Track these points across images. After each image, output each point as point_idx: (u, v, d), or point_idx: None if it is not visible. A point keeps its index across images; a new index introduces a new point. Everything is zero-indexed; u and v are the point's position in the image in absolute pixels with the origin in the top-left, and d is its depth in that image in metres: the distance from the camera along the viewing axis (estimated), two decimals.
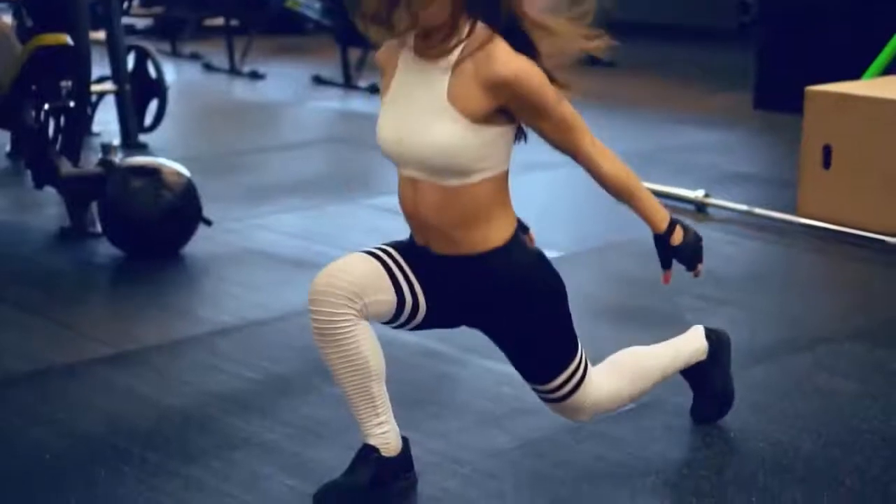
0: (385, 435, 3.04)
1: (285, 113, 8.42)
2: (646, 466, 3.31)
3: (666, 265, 3.22)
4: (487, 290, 3.00)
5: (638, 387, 3.32)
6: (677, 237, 3.17)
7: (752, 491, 3.15)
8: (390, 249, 3.03)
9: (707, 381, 3.50)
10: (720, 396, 3.52)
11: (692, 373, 3.49)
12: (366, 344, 2.94)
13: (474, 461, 3.30)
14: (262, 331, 4.27)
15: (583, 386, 3.15)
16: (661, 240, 3.19)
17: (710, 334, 3.53)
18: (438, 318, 3.06)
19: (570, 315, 3.11)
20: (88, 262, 5.07)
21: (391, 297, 2.96)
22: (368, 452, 3.03)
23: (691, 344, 3.48)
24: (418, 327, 3.08)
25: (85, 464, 3.27)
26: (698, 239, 3.20)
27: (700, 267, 3.23)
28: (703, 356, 3.48)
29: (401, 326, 3.06)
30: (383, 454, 3.03)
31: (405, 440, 3.11)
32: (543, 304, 3.05)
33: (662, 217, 3.17)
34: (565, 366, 3.11)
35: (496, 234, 2.97)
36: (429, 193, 2.92)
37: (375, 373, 2.98)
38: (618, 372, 3.30)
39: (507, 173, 2.98)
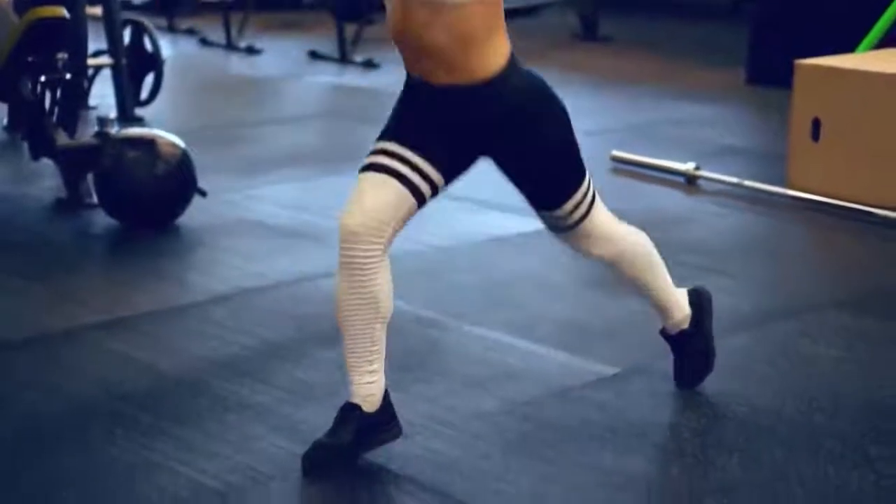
0: (371, 386, 3.10)
1: (281, 87, 8.46)
2: (630, 429, 3.37)
3: None
4: (493, 118, 3.02)
5: (632, 261, 3.39)
6: None
7: (734, 452, 3.22)
8: (395, 148, 3.03)
9: (689, 346, 3.56)
10: (702, 360, 3.58)
11: (675, 338, 3.55)
12: (383, 283, 3.03)
13: (461, 423, 3.36)
14: (256, 298, 4.33)
15: (593, 211, 3.24)
16: None
17: (693, 299, 3.57)
18: (453, 167, 3.09)
19: (575, 137, 3.16)
20: (84, 232, 5.12)
21: (411, 202, 3.03)
22: (350, 410, 3.09)
23: (678, 303, 3.53)
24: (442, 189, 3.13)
25: (79, 425, 3.33)
26: None
27: None
28: (685, 324, 3.53)
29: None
30: (365, 410, 3.09)
31: (386, 393, 3.15)
32: (549, 127, 3.09)
33: None
34: (575, 188, 3.18)
35: (492, 60, 2.97)
36: (416, 11, 2.91)
37: (383, 314, 3.06)
38: (627, 230, 3.41)
39: (499, 4, 2.97)
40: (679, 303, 3.52)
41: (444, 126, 3.05)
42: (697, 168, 5.85)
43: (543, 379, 3.67)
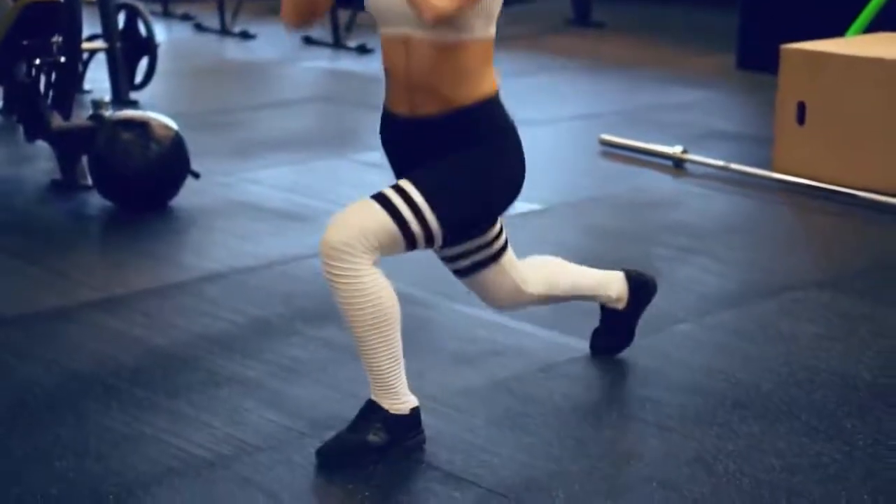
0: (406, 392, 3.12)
1: (275, 72, 8.52)
2: (611, 403, 3.46)
3: None
4: (457, 135, 3.01)
5: (559, 293, 3.49)
6: None
7: (713, 425, 3.30)
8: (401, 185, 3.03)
9: (619, 324, 3.67)
10: (625, 337, 3.70)
11: (608, 313, 3.66)
12: (384, 291, 3.01)
13: (447, 398, 3.44)
14: (248, 277, 4.41)
15: (499, 261, 3.24)
16: None
17: (637, 284, 3.65)
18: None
19: (500, 196, 3.11)
20: (79, 213, 5.20)
21: (402, 244, 3.02)
22: (374, 410, 3.10)
23: (612, 286, 3.61)
24: None
25: (74, 399, 3.41)
26: None
27: None
28: (620, 304, 3.63)
29: None
30: (392, 412, 3.09)
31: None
32: (490, 157, 3.04)
33: None
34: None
35: (483, 88, 3.01)
36: (423, 52, 2.96)
37: (397, 319, 3.05)
38: (542, 268, 3.48)
39: (493, 40, 3.03)
40: (615, 288, 3.61)
41: (409, 152, 3.10)
42: (685, 151, 5.92)
43: (528, 355, 3.75)
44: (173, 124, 5.26)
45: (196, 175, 5.28)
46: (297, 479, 3.00)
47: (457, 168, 3.02)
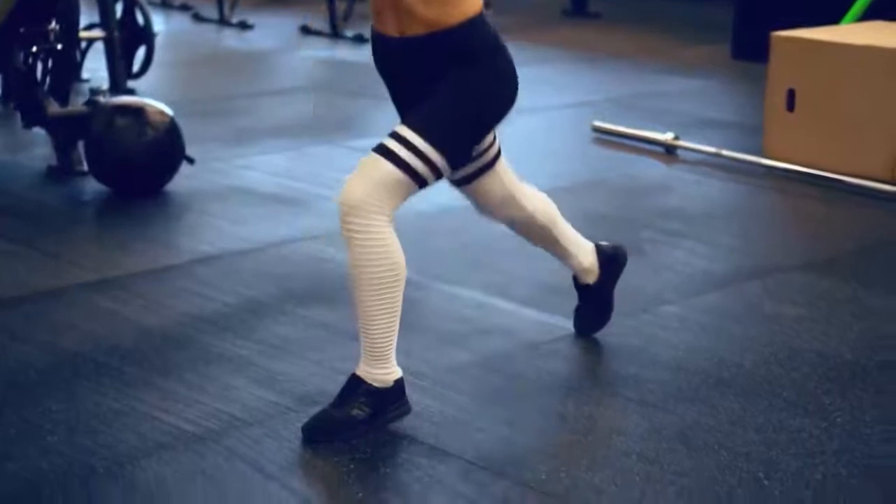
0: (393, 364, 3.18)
1: (272, 61, 8.58)
2: (595, 380, 3.51)
3: None
4: (447, 58, 3.07)
5: (540, 224, 3.55)
6: None
7: (695, 402, 3.35)
8: (399, 130, 3.09)
9: (595, 299, 3.73)
10: (604, 312, 3.75)
11: (583, 290, 3.73)
12: (397, 253, 3.10)
13: (435, 375, 3.50)
14: (241, 260, 4.46)
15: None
16: None
17: (608, 255, 3.72)
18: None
19: (480, 135, 3.19)
20: (75, 198, 5.25)
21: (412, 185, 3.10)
22: (357, 384, 3.15)
23: (585, 254, 3.67)
24: None
25: (67, 376, 3.47)
26: None
27: None
28: (591, 278, 3.70)
29: None
30: (377, 387, 3.15)
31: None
32: (483, 79, 3.10)
33: None
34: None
35: (467, 7, 3.07)
36: None
37: (402, 285, 3.13)
38: (538, 194, 3.56)
39: None
40: (587, 259, 3.67)
41: (403, 73, 3.17)
42: (676, 138, 5.97)
43: (516, 335, 3.80)
44: (168, 110, 5.31)
45: (191, 160, 5.33)
46: (283, 453, 3.06)
47: (450, 97, 3.08)
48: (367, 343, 3.14)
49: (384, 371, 3.15)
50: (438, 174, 3.11)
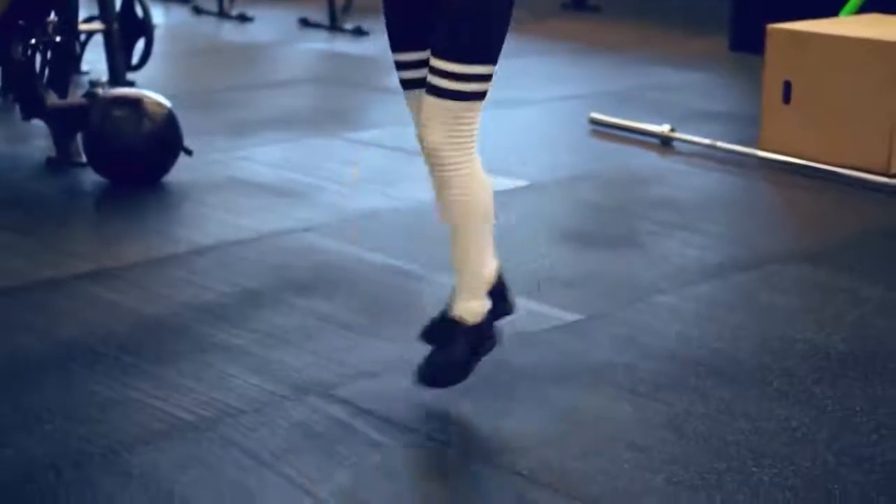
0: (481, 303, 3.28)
1: (272, 54, 8.60)
2: (587, 370, 3.54)
3: None
4: None
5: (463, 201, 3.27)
6: None
7: (686, 391, 3.38)
8: (402, 57, 3.23)
9: (458, 338, 3.34)
10: (456, 364, 3.34)
11: (453, 325, 3.35)
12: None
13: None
14: (238, 250, 4.49)
15: (477, 104, 3.14)
16: None
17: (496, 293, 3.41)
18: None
19: (507, 26, 3.20)
20: (74, 189, 5.28)
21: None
22: (456, 324, 3.28)
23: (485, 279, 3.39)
24: None
25: (63, 365, 3.49)
26: None
27: None
28: (476, 318, 3.34)
29: None
30: (471, 323, 3.28)
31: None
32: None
33: None
34: (483, 59, 3.11)
35: None
36: None
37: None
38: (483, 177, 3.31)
39: None
40: (480, 286, 3.35)
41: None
42: (672, 130, 6.00)
43: (509, 324, 3.80)
44: (166, 102, 5.34)
45: (189, 152, 5.36)
46: (277, 440, 3.08)
47: (462, 11, 3.09)
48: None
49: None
50: (490, 77, 3.17)
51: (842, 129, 5.57)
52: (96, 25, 7.19)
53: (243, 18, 9.75)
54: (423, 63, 3.20)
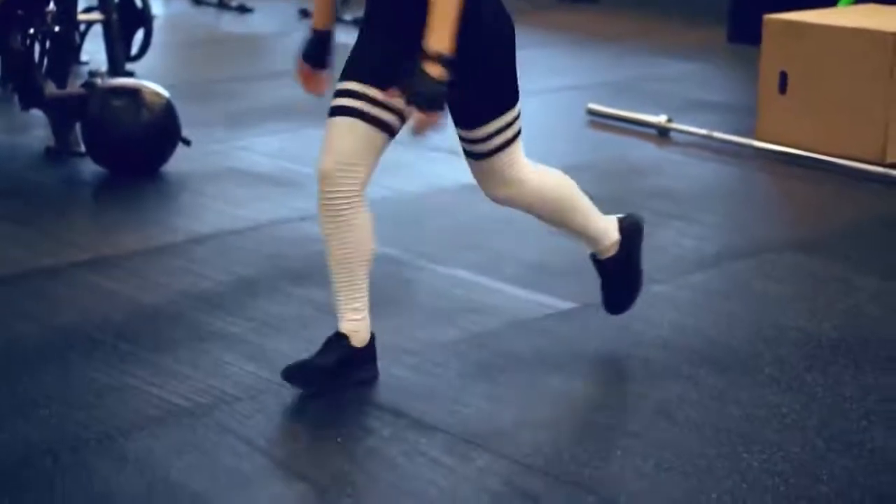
0: (355, 323, 3.28)
1: (271, 44, 8.62)
2: (580, 357, 3.56)
3: (400, 85, 3.13)
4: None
5: (551, 208, 3.52)
6: (434, 70, 3.05)
7: (678, 378, 3.41)
8: (355, 87, 3.21)
9: (616, 273, 3.62)
10: (627, 287, 3.65)
11: (603, 264, 3.62)
12: (362, 224, 3.25)
13: (422, 351, 3.55)
14: (235, 239, 4.52)
15: (513, 147, 3.36)
16: (418, 60, 3.06)
17: (625, 226, 3.64)
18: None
19: (515, 64, 3.31)
20: (72, 178, 5.31)
21: (381, 137, 3.22)
22: (338, 339, 3.28)
23: (606, 231, 3.60)
24: None
25: (61, 352, 3.53)
26: (442, 92, 3.06)
27: (427, 118, 3.07)
28: (612, 251, 3.60)
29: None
30: (352, 342, 3.28)
31: (372, 336, 3.34)
32: (499, 47, 3.25)
33: (441, 39, 3.06)
34: (502, 111, 3.30)
35: None
36: None
37: (364, 255, 3.26)
38: (549, 176, 3.53)
39: None
40: (607, 231, 3.58)
41: (392, 43, 3.21)
42: (669, 120, 6.02)
43: (503, 312, 3.85)
44: (165, 92, 5.36)
45: (187, 142, 5.38)
46: (272, 427, 3.12)
47: (480, 76, 3.22)
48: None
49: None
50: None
51: (838, 118, 5.59)
52: (95, 15, 7.20)
53: (243, 9, 9.75)
54: (369, 98, 3.18)
